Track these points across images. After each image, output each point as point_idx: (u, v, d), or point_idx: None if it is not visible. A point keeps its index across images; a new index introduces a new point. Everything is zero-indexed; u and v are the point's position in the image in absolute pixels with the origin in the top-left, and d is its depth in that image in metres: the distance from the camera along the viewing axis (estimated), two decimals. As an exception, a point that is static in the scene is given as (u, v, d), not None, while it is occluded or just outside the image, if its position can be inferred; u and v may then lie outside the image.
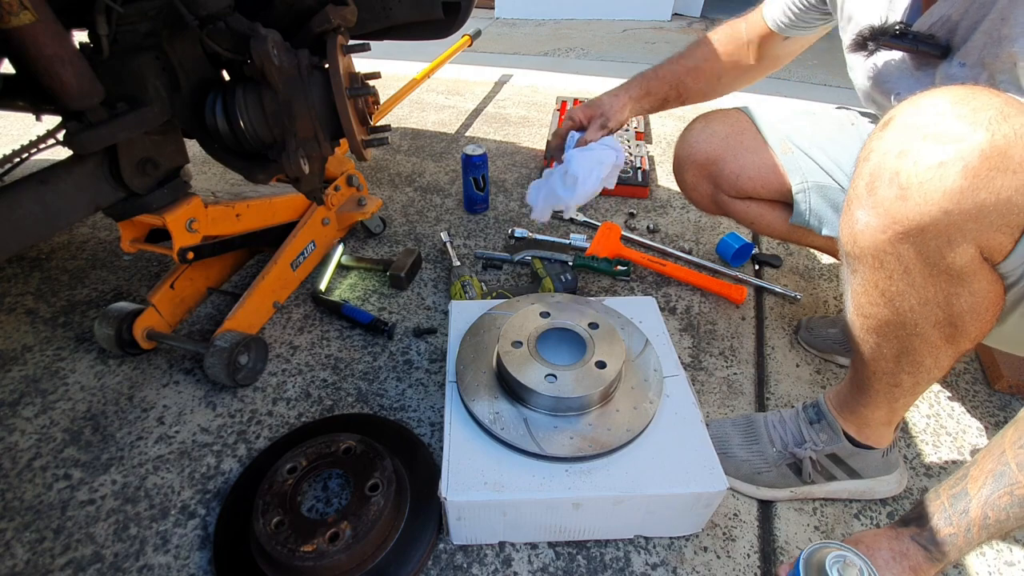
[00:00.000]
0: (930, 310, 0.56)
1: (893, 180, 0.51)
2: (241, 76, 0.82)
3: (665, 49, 2.78)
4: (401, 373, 1.01)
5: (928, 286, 0.55)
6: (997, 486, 0.54)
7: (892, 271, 0.55)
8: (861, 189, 0.55)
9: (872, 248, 0.55)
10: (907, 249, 0.53)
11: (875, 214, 0.53)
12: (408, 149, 1.79)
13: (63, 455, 0.87)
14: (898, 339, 0.61)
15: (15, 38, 0.60)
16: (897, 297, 0.57)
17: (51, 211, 0.73)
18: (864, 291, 0.60)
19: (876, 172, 0.53)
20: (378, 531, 0.69)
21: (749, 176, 0.93)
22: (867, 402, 0.70)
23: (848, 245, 0.58)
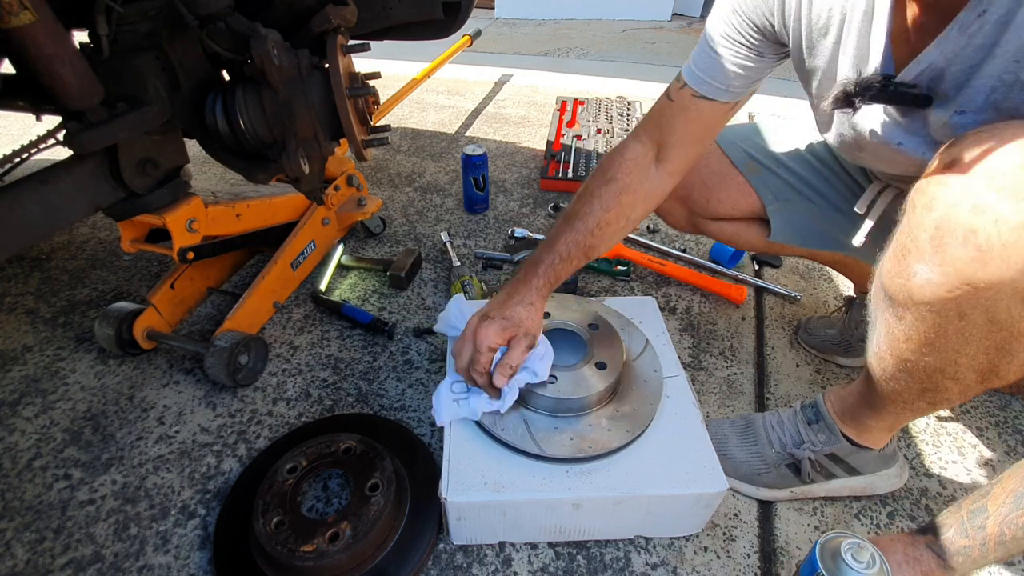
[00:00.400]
0: (978, 361, 0.54)
1: (968, 239, 0.46)
2: (241, 76, 0.82)
3: (665, 49, 2.78)
4: (401, 373, 1.01)
5: (984, 340, 0.52)
6: (1017, 506, 0.53)
7: (948, 326, 0.52)
8: (924, 242, 0.49)
9: (932, 304, 0.51)
10: (973, 309, 0.49)
11: (942, 272, 0.49)
12: (408, 149, 1.79)
13: (63, 455, 0.87)
14: (931, 381, 0.59)
15: (15, 38, 0.60)
16: (946, 348, 0.54)
17: (51, 211, 0.73)
18: (907, 339, 0.57)
19: (945, 227, 0.48)
20: (378, 531, 0.69)
21: (719, 199, 0.92)
22: (874, 416, 0.70)
23: (899, 295, 0.54)
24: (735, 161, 0.91)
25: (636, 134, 0.80)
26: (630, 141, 0.80)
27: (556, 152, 1.66)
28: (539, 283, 0.75)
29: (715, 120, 0.75)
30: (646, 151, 0.78)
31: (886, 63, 0.59)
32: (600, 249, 0.79)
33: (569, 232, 0.76)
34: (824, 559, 0.58)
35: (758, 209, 0.92)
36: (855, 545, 0.57)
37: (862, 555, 0.56)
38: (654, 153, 0.78)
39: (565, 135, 1.76)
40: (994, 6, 0.48)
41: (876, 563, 0.56)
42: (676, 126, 0.76)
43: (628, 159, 0.78)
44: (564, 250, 0.75)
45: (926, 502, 0.81)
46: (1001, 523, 0.54)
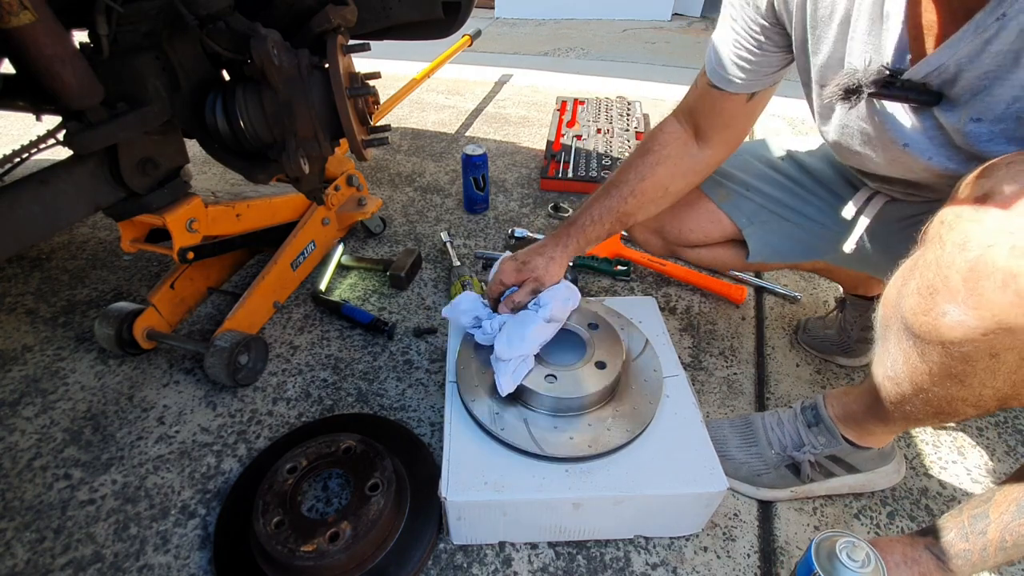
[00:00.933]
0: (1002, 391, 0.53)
1: (1008, 284, 0.43)
2: (241, 76, 0.82)
3: (665, 49, 2.78)
4: (401, 373, 1.01)
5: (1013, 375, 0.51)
6: (1020, 514, 0.53)
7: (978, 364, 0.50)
8: (956, 283, 0.47)
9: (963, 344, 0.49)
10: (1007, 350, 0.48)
11: (976, 315, 0.46)
12: (408, 149, 1.79)
13: (63, 455, 0.87)
14: (950, 406, 0.57)
15: (15, 38, 0.61)
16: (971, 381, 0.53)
17: (51, 211, 0.73)
18: (930, 372, 0.55)
19: (980, 268, 0.45)
20: (378, 531, 0.69)
21: (691, 229, 0.93)
22: (880, 424, 0.69)
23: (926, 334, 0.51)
24: (704, 189, 0.90)
25: (675, 113, 0.84)
26: (669, 119, 0.84)
27: (556, 152, 1.66)
28: (566, 240, 0.83)
29: (735, 111, 0.77)
30: (684, 129, 0.82)
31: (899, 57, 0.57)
32: (637, 216, 0.84)
33: (604, 198, 0.82)
34: (820, 558, 0.58)
35: (732, 232, 0.91)
36: (850, 544, 0.57)
37: (857, 554, 0.56)
38: (692, 132, 0.82)
39: (565, 135, 1.76)
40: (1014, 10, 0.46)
41: (871, 562, 0.56)
42: (704, 111, 0.79)
43: (667, 133, 0.82)
44: (597, 214, 0.82)
45: (926, 502, 0.81)
46: (1003, 530, 0.54)
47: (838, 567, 0.56)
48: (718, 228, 0.92)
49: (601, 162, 1.60)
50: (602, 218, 0.82)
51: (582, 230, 0.83)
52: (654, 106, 2.06)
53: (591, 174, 1.54)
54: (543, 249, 0.83)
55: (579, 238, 0.83)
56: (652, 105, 2.07)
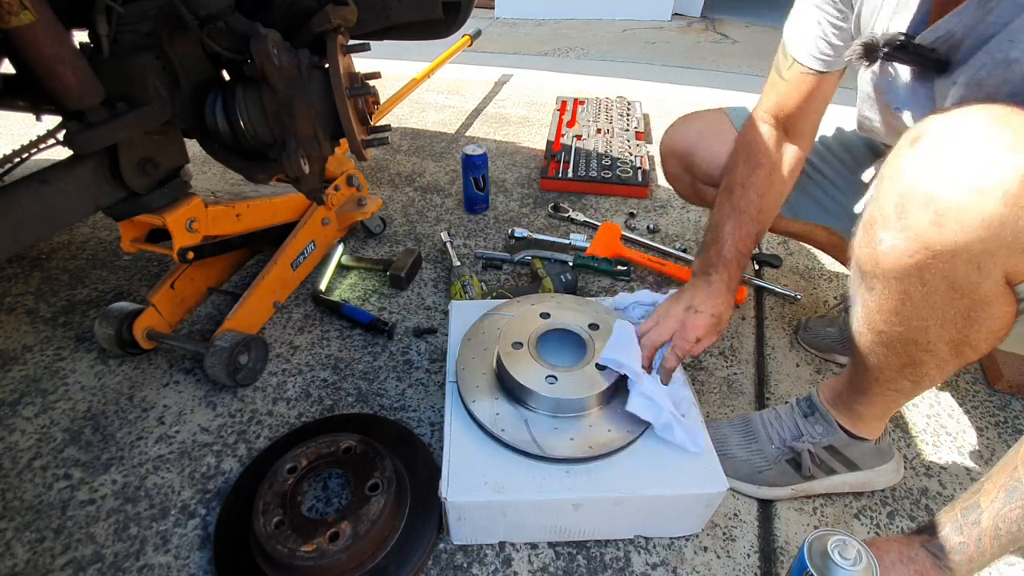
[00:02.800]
0: (946, 330, 0.56)
1: (927, 205, 0.49)
2: (241, 76, 0.82)
3: (665, 49, 2.78)
4: (401, 373, 1.01)
5: (948, 308, 0.54)
6: (1009, 500, 0.54)
7: (913, 294, 0.54)
8: (889, 210, 0.52)
9: (896, 271, 0.54)
10: (934, 274, 0.52)
11: (904, 238, 0.51)
12: (408, 149, 1.79)
13: (63, 455, 0.87)
14: (907, 353, 0.61)
15: (15, 38, 0.61)
16: (914, 317, 0.56)
17: (51, 211, 0.73)
18: (879, 309, 0.59)
19: (907, 194, 0.50)
20: (378, 531, 0.69)
21: (719, 165, 0.95)
22: (864, 401, 0.71)
23: (867, 265, 0.57)
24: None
25: (760, 116, 0.85)
26: (758, 124, 0.85)
27: (556, 152, 1.66)
28: (732, 284, 0.81)
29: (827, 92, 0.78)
30: (773, 129, 0.84)
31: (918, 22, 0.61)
32: (765, 230, 0.86)
33: (739, 227, 0.82)
34: (812, 557, 0.58)
35: None
36: (841, 542, 0.57)
37: (848, 552, 0.57)
38: (781, 128, 0.83)
39: (565, 135, 1.76)
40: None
41: (863, 559, 0.56)
42: (796, 103, 0.80)
43: (764, 141, 0.83)
44: (743, 246, 0.82)
45: (926, 502, 0.81)
46: (995, 518, 0.55)
47: (830, 566, 0.57)
48: None
49: (601, 162, 1.60)
50: (747, 247, 0.82)
51: (739, 267, 0.82)
52: (654, 106, 2.06)
53: (591, 174, 1.54)
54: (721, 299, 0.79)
55: (737, 274, 0.82)
56: (652, 105, 2.07)
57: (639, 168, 1.56)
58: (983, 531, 0.56)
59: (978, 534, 0.56)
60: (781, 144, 0.83)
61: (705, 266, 0.82)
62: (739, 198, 0.82)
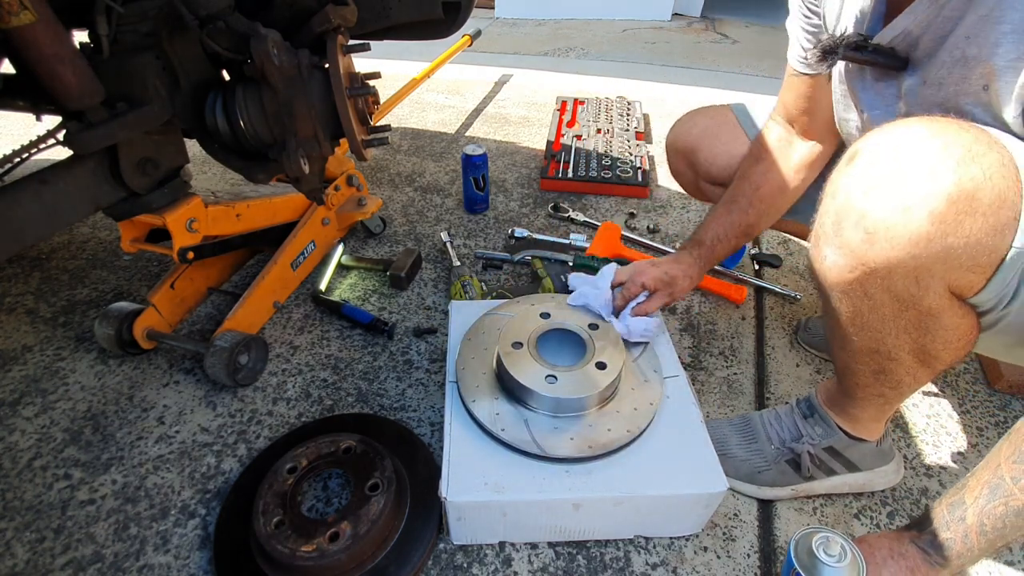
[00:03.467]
0: (902, 341, 0.57)
1: (859, 222, 0.50)
2: (241, 76, 0.82)
3: (665, 49, 2.78)
4: (401, 373, 1.01)
5: (899, 320, 0.55)
6: (992, 497, 0.54)
7: (861, 306, 0.56)
8: (828, 227, 0.54)
9: (840, 285, 0.56)
10: (876, 288, 0.53)
11: (842, 254, 0.53)
12: (408, 149, 1.79)
13: (63, 455, 0.87)
14: (875, 361, 0.62)
15: (15, 38, 0.61)
16: (869, 328, 0.58)
17: (51, 211, 0.73)
18: (836, 320, 0.61)
19: (842, 211, 0.52)
20: (378, 531, 0.69)
21: (719, 165, 0.97)
22: (854, 404, 0.71)
23: (818, 279, 0.59)
24: (748, 132, 0.94)
25: (772, 115, 0.87)
26: (768, 123, 0.87)
27: (556, 152, 1.66)
28: (700, 263, 0.86)
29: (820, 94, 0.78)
30: (783, 127, 0.85)
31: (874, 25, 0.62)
32: (760, 225, 0.87)
33: (726, 215, 0.85)
34: (799, 555, 0.59)
35: None
36: (825, 539, 0.58)
37: (832, 548, 0.57)
38: (793, 129, 0.84)
39: (565, 135, 1.76)
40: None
41: (848, 555, 0.57)
42: (795, 102, 0.81)
43: (768, 138, 0.85)
44: (722, 231, 0.85)
45: (926, 502, 0.81)
46: (980, 514, 0.55)
47: (816, 563, 0.57)
48: None
49: (601, 162, 1.60)
50: (727, 235, 0.85)
51: (712, 251, 0.86)
52: (654, 106, 2.06)
53: (591, 174, 1.54)
54: (681, 266, 0.85)
55: (710, 256, 0.86)
56: (652, 105, 2.07)
57: (639, 168, 1.56)
58: (969, 527, 0.56)
59: (964, 530, 0.56)
60: (788, 141, 0.84)
61: (684, 244, 0.90)
62: (735, 188, 0.86)
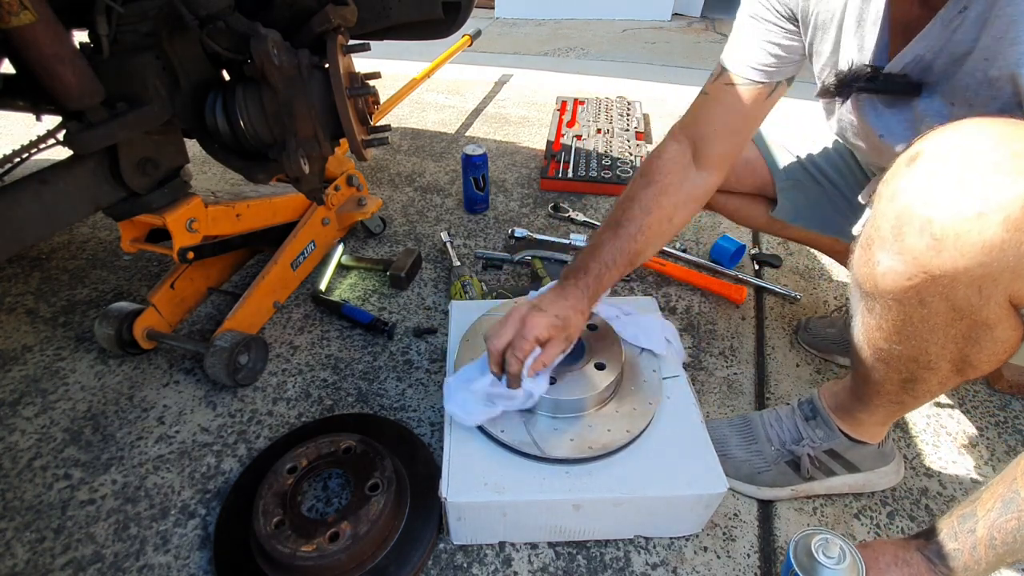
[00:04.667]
0: (948, 350, 0.55)
1: (925, 228, 0.47)
2: (241, 76, 0.82)
3: (665, 49, 2.78)
4: (401, 373, 1.01)
5: (950, 330, 0.53)
6: (1005, 510, 0.53)
7: (913, 315, 0.53)
8: (886, 231, 0.51)
9: (895, 292, 0.53)
10: (933, 297, 0.51)
11: (901, 260, 0.50)
12: (408, 149, 1.79)
13: (63, 455, 0.87)
14: (908, 370, 0.60)
15: (15, 38, 0.61)
16: (914, 337, 0.56)
17: (51, 211, 0.73)
18: (879, 328, 0.58)
19: (905, 216, 0.49)
20: (378, 531, 0.69)
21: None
22: (865, 410, 0.71)
23: (866, 285, 0.56)
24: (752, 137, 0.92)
25: (673, 134, 0.80)
26: (667, 141, 0.80)
27: (556, 152, 1.66)
28: (586, 292, 0.74)
29: (751, 108, 0.75)
30: (683, 150, 0.78)
31: (879, 54, 0.61)
32: (646, 255, 0.78)
33: (614, 239, 0.76)
34: (799, 557, 0.58)
35: (763, 185, 0.94)
36: (824, 541, 0.58)
37: (831, 550, 0.57)
38: (692, 152, 0.78)
39: (565, 135, 1.76)
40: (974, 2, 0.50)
41: (847, 557, 0.57)
42: (712, 119, 0.76)
43: (666, 160, 0.78)
44: (610, 258, 0.75)
45: (926, 502, 0.81)
46: (991, 527, 0.54)
47: (815, 565, 0.57)
48: (752, 177, 0.93)
49: (601, 162, 1.60)
50: (616, 262, 0.76)
51: (599, 280, 0.75)
52: (654, 106, 2.06)
53: (591, 174, 1.54)
54: (570, 301, 0.73)
55: (597, 287, 0.75)
56: (652, 105, 2.07)
57: (639, 168, 1.56)
58: (978, 540, 0.55)
59: (973, 542, 0.56)
60: (686, 167, 0.78)
61: (568, 272, 0.77)
62: (624, 211, 0.77)
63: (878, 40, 0.60)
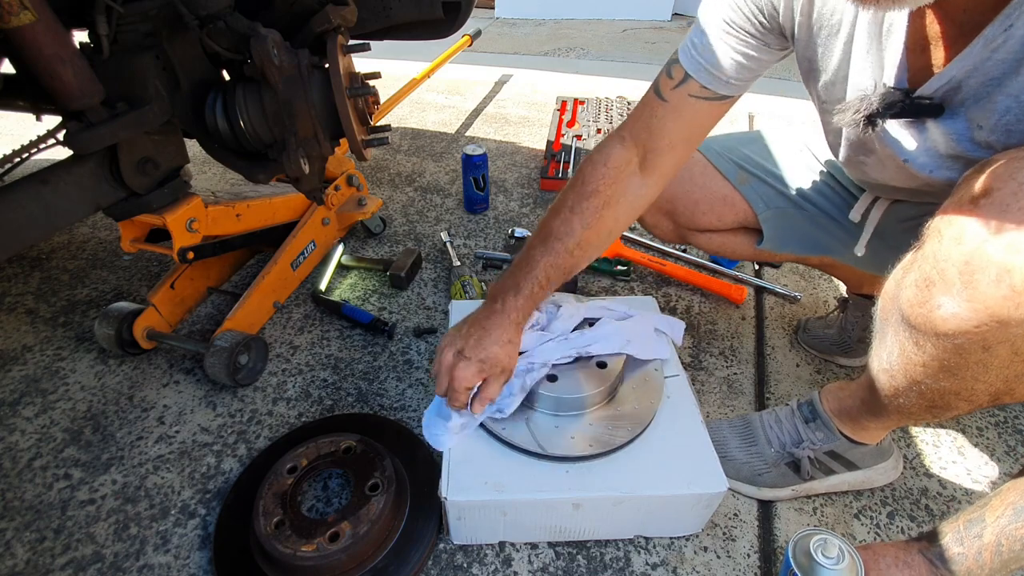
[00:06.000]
0: (994, 386, 0.54)
1: (1002, 278, 0.44)
2: (241, 76, 0.82)
3: (665, 49, 2.78)
4: (401, 373, 1.01)
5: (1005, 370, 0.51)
6: (1015, 518, 0.53)
7: (971, 357, 0.51)
8: (952, 276, 0.47)
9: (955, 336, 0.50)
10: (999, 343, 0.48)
11: (970, 308, 0.47)
12: (408, 149, 1.79)
13: (63, 455, 0.87)
14: (943, 400, 0.58)
15: (15, 38, 0.61)
16: (964, 374, 0.53)
17: (51, 211, 0.73)
18: (924, 365, 0.55)
19: (976, 262, 0.46)
20: (378, 531, 0.69)
21: (703, 211, 0.90)
22: (875, 421, 0.70)
23: (921, 325, 0.52)
24: (724, 172, 0.89)
25: (619, 138, 0.74)
26: (612, 146, 0.73)
27: (556, 152, 1.66)
28: (517, 317, 0.70)
29: (710, 118, 0.71)
30: (630, 157, 0.73)
31: (900, 75, 0.57)
32: (580, 266, 0.75)
33: (547, 255, 0.71)
34: (797, 557, 0.58)
35: (745, 219, 0.91)
36: (823, 541, 0.58)
37: (830, 550, 0.57)
38: (639, 159, 0.73)
39: (565, 135, 1.76)
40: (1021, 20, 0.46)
41: (845, 557, 0.57)
42: (668, 128, 0.71)
43: (611, 168, 0.72)
44: (543, 276, 0.71)
45: (926, 502, 0.81)
46: (999, 534, 0.54)
47: (814, 565, 0.57)
48: (732, 213, 0.90)
49: (601, 162, 1.59)
50: (549, 279, 0.71)
51: (531, 298, 0.70)
52: (654, 106, 2.06)
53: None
54: (495, 335, 0.69)
55: (527, 308, 0.71)
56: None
57: (639, 168, 1.56)
58: (984, 545, 0.55)
59: (979, 547, 0.55)
60: (632, 176, 0.73)
61: (498, 290, 0.72)
62: (561, 223, 0.71)
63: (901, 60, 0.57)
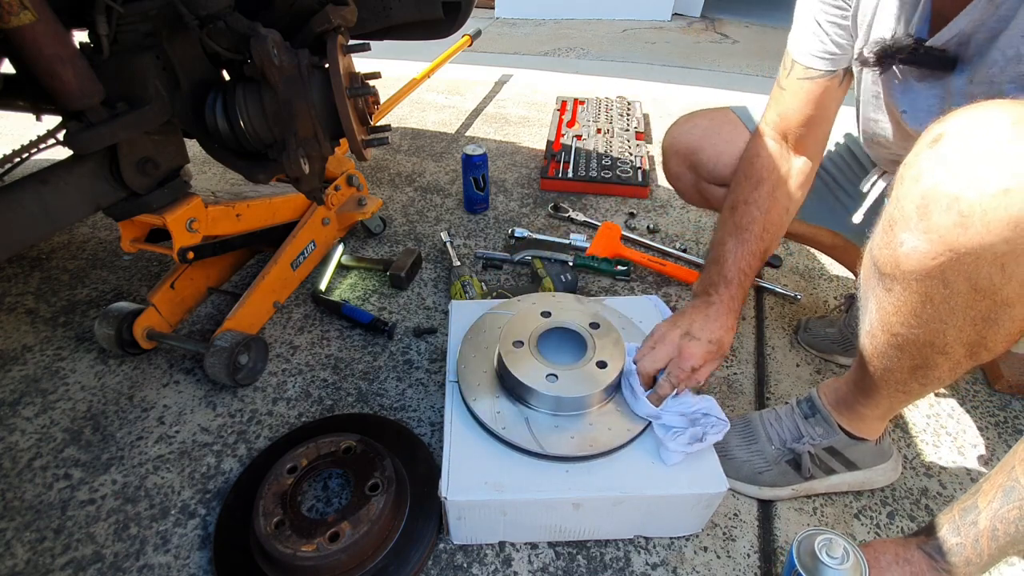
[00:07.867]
0: (964, 332, 0.55)
1: (952, 206, 0.48)
2: (241, 76, 0.82)
3: (665, 49, 2.78)
4: (401, 373, 1.01)
5: (969, 310, 0.53)
6: (1007, 500, 0.53)
7: (934, 295, 0.54)
8: (910, 211, 0.51)
9: (918, 272, 0.53)
10: (956, 276, 0.51)
11: (927, 239, 0.50)
12: (408, 149, 1.79)
13: (63, 455, 0.87)
14: (921, 355, 0.60)
15: (15, 38, 0.61)
16: (933, 319, 0.56)
17: (51, 211, 0.73)
18: (896, 311, 0.58)
19: (930, 195, 0.49)
20: (378, 531, 0.69)
21: (725, 163, 0.94)
22: (868, 403, 0.71)
23: (887, 266, 0.56)
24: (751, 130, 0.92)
25: (763, 130, 0.83)
26: (759, 141, 0.83)
27: (556, 152, 1.66)
28: (733, 304, 0.77)
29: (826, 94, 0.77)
30: (778, 143, 0.81)
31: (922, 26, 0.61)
32: (773, 248, 0.83)
33: (740, 245, 0.79)
34: (801, 557, 0.58)
35: None
36: (828, 541, 0.58)
37: (835, 550, 0.57)
38: (785, 142, 0.81)
39: (565, 135, 1.76)
40: None
41: (850, 557, 0.57)
42: (793, 109, 0.78)
43: (766, 157, 0.81)
44: (745, 264, 0.79)
45: (926, 502, 0.81)
46: (992, 518, 0.54)
47: (818, 565, 0.57)
48: None
49: (601, 162, 1.60)
50: (751, 266, 0.79)
51: (742, 288, 0.79)
52: (654, 106, 2.06)
53: (591, 174, 1.54)
54: (720, 321, 0.76)
55: (740, 295, 0.79)
56: (652, 105, 2.07)
57: (639, 168, 1.56)
58: (980, 532, 0.55)
59: (975, 535, 0.56)
60: (786, 158, 0.81)
61: (705, 286, 0.79)
62: (741, 215, 0.80)
63: (921, 11, 0.60)
